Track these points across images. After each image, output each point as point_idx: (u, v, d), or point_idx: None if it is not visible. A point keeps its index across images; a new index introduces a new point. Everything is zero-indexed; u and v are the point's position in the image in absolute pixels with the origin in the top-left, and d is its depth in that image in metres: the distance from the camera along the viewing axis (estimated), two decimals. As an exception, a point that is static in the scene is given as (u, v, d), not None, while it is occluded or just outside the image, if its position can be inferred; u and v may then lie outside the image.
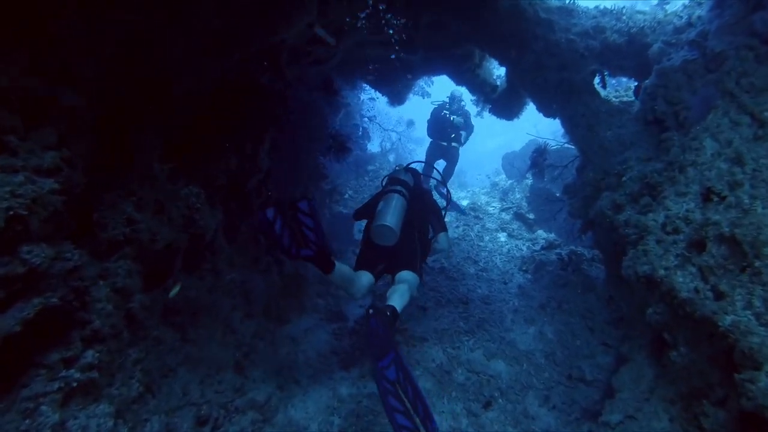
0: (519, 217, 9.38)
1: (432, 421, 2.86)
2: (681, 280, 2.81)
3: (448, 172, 9.67)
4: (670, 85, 3.96)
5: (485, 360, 5.59)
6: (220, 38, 3.18)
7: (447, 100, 9.75)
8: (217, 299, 4.76)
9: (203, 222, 3.87)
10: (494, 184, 11.99)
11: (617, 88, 6.74)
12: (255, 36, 3.42)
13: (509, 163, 10.91)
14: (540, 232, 8.68)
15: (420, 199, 4.45)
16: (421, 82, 9.37)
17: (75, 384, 2.43)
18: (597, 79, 5.11)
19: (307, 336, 6.05)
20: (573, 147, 6.61)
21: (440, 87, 10.81)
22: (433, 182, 9.18)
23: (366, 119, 12.78)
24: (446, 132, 9.70)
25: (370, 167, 12.22)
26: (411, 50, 6.29)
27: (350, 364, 5.54)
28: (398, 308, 3.58)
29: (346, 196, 10.99)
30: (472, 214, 10.05)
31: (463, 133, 9.61)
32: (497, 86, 6.90)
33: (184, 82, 3.18)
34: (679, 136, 3.62)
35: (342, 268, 3.71)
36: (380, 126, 13.63)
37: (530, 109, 7.56)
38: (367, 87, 12.73)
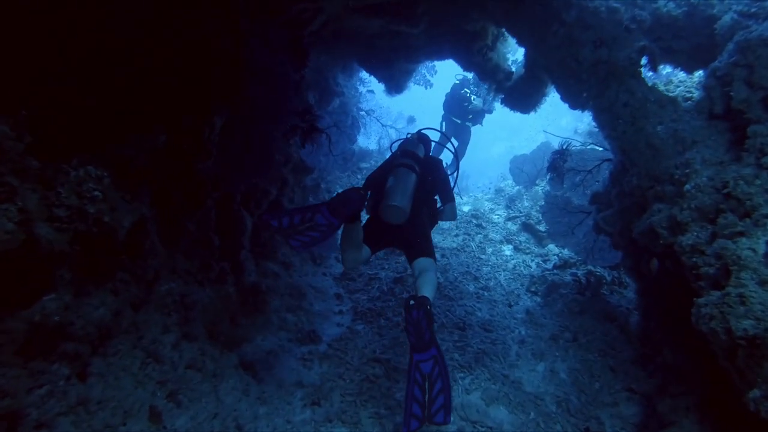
0: (527, 228, 8.29)
1: (448, 414, 3.10)
2: (821, 353, 1.75)
3: (460, 152, 8.94)
4: (758, 63, 2.89)
5: (484, 405, 4.51)
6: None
7: (470, 77, 9.38)
8: (144, 318, 3.69)
9: (109, 216, 2.80)
10: (499, 190, 10.89)
11: (654, 81, 5.68)
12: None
13: (518, 167, 9.85)
14: (551, 246, 7.60)
15: (430, 170, 4.30)
16: (423, 70, 8.31)
17: None
18: (644, 60, 4.04)
19: (268, 360, 4.98)
20: (599, 148, 5.55)
21: (443, 77, 9.86)
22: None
23: (363, 113, 11.71)
24: (463, 109, 9.45)
25: (364, 164, 11.13)
26: (412, 21, 5.23)
27: (316, 401, 4.46)
28: (431, 299, 3.49)
29: (335, 194, 9.91)
30: (474, 221, 8.97)
31: (481, 113, 9.48)
32: (512, 72, 5.83)
33: None
34: (779, 131, 2.55)
35: (360, 226, 3.74)
36: (378, 121, 12.56)
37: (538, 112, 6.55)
38: (366, 79, 11.75)
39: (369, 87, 11.79)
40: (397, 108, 13.08)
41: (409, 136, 4.57)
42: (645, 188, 3.49)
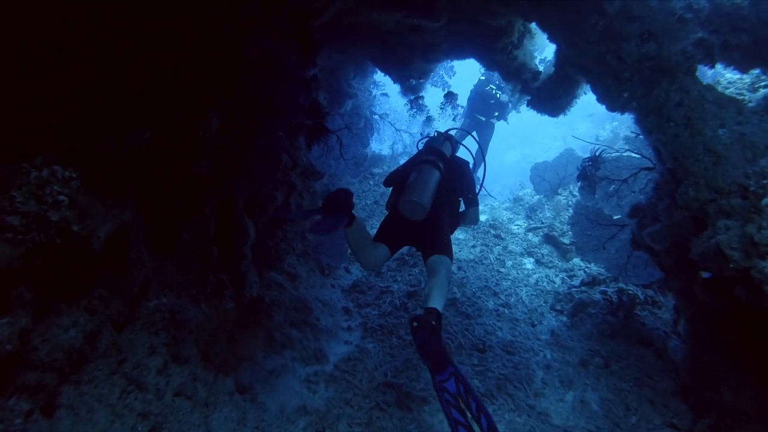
0: (550, 240, 7.77)
1: None
2: None
3: (483, 147, 8.79)
4: None
5: (508, 441, 4.03)
6: None
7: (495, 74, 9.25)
8: (128, 338, 3.27)
9: (80, 225, 2.38)
10: (517, 199, 10.41)
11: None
12: None
13: (539, 175, 9.34)
14: (576, 260, 7.09)
15: (455, 171, 4.18)
16: (441, 71, 7.86)
17: None
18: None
19: (269, 382, 4.56)
20: (636, 155, 5.06)
21: (462, 79, 9.44)
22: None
23: (377, 116, 11.29)
24: (488, 106, 9.47)
25: (376, 170, 10.70)
26: (432, 15, 4.80)
27: (321, 430, 4.02)
28: (440, 308, 3.33)
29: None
30: (492, 232, 8.48)
31: (506, 108, 9.42)
32: (540, 72, 5.36)
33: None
34: None
35: (361, 226, 3.71)
36: (392, 126, 12.13)
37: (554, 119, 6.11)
38: (380, 81, 11.33)
39: (383, 90, 11.40)
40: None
41: (435, 134, 4.47)
42: (704, 201, 3.01)
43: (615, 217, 5.63)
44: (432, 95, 9.00)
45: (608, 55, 3.79)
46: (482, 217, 9.25)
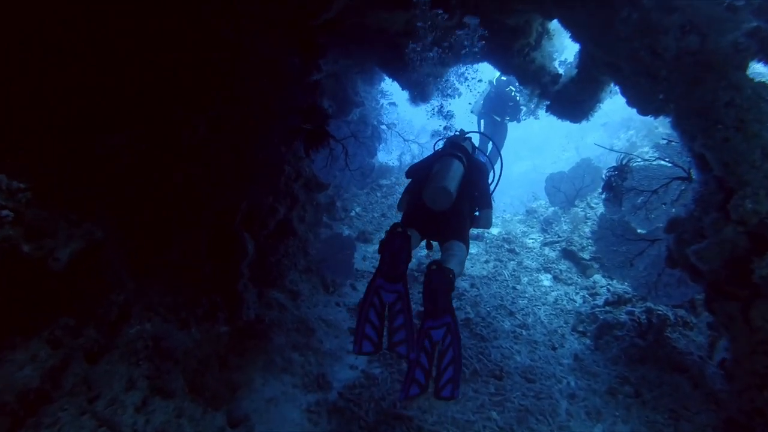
0: (568, 255, 7.32)
1: (457, 388, 3.07)
2: None
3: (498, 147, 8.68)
4: None
5: (532, 484, 3.59)
6: None
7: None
8: (103, 370, 2.88)
9: (31, 245, 2.01)
10: (531, 211, 9.98)
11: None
12: None
13: (554, 186, 8.93)
14: (597, 277, 6.63)
15: (474, 171, 4.11)
16: (452, 77, 7.48)
17: None
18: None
19: (268, 412, 4.16)
20: (669, 164, 4.63)
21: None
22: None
23: (384, 126, 10.94)
24: (505, 108, 9.50)
25: (384, 181, 10.33)
26: (445, 13, 4.45)
27: (323, 470, 3.60)
28: (456, 273, 3.21)
29: (352, 213, 9.10)
30: (506, 246, 8.05)
31: (518, 109, 9.38)
32: (560, 75, 4.98)
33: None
34: None
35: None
36: (400, 135, 11.77)
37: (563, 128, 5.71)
38: (388, 91, 11.00)
39: (390, 99, 11.07)
40: (420, 121, 12.29)
41: (458, 132, 4.46)
42: (765, 214, 2.59)
43: (638, 231, 5.21)
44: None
45: (642, 51, 3.40)
46: (494, 230, 8.82)
